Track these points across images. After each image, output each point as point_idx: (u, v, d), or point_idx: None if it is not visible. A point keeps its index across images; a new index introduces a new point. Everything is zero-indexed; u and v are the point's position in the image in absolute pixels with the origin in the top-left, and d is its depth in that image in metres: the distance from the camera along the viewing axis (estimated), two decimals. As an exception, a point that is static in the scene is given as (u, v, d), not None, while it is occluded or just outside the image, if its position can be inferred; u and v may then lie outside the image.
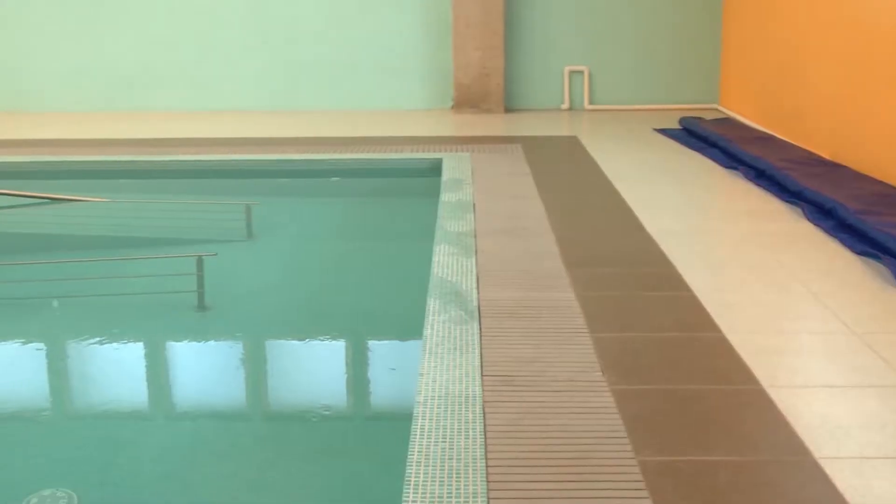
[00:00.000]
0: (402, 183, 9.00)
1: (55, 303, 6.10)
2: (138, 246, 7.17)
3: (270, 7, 12.02)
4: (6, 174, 8.91)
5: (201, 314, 5.68)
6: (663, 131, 9.93)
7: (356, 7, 11.90)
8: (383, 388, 4.78)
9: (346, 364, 5.15)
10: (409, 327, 5.17)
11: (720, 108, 11.29)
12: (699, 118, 10.20)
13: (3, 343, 5.59)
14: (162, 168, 8.95)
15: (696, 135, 9.37)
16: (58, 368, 5.29)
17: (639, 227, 6.15)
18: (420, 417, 3.39)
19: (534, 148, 9.07)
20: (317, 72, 12.06)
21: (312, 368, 5.08)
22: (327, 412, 4.54)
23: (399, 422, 4.06)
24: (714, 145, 8.75)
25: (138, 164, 8.98)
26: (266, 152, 9.15)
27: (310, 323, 5.62)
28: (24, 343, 5.60)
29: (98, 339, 5.50)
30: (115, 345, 5.41)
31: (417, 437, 3.25)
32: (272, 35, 12.06)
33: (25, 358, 5.44)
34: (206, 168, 8.95)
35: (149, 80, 12.26)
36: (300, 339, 5.45)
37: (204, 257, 5.81)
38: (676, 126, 10.12)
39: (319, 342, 5.44)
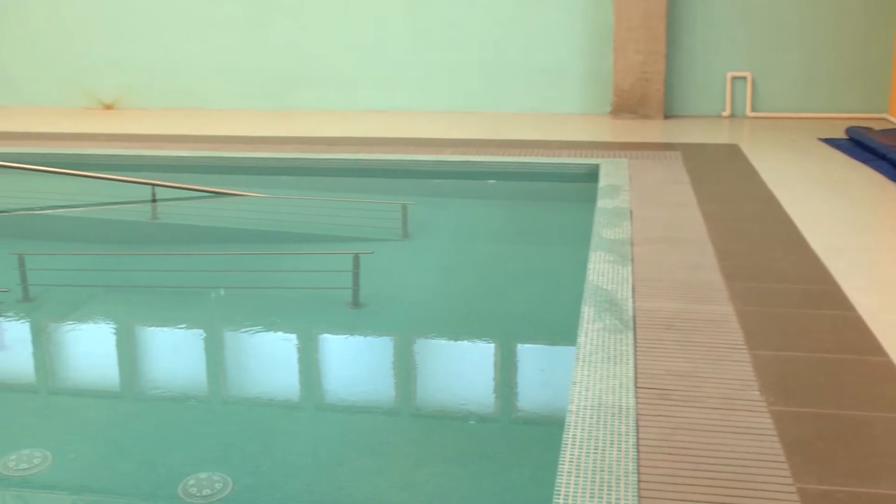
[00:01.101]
0: (557, 187, 8.94)
1: (216, 293, 6.30)
2: (295, 241, 7.33)
3: (431, 8, 12.13)
4: (170, 168, 9.28)
5: (356, 311, 5.77)
6: (829, 141, 9.58)
7: (516, 8, 11.89)
8: (534, 394, 4.76)
9: (498, 367, 5.14)
10: (562, 334, 5.15)
11: (890, 117, 10.81)
12: (867, 128, 9.79)
13: (165, 329, 5.81)
14: (321, 166, 9.14)
15: (864, 146, 9.00)
16: (216, 356, 5.46)
17: (801, 242, 5.94)
18: (572, 427, 3.36)
19: (693, 155, 8.87)
20: (475, 73, 12.10)
21: (463, 370, 5.10)
22: (477, 415, 4.55)
23: (550, 430, 4.04)
24: (883, 157, 8.38)
25: (298, 161, 9.20)
26: (423, 152, 9.23)
27: (462, 324, 5.65)
28: (185, 330, 5.81)
29: (255, 329, 5.66)
30: (271, 336, 5.55)
31: (569, 446, 3.21)
32: (432, 36, 12.17)
33: (186, 344, 5.64)
34: (363, 167, 9.10)
35: (309, 78, 12.56)
36: (452, 340, 5.47)
37: (360, 255, 5.92)
38: (843, 136, 9.75)
39: (471, 344, 5.45)
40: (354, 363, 5.22)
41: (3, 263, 6.55)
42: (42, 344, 5.67)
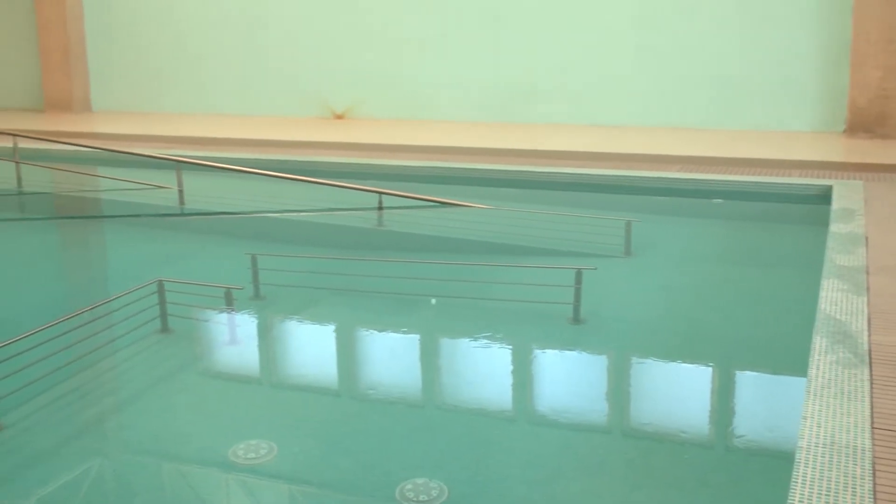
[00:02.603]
0: (787, 209, 8.60)
1: (437, 301, 6.38)
2: (517, 254, 7.34)
3: (660, 23, 11.94)
4: (397, 177, 9.50)
5: (576, 327, 5.72)
6: None
7: (746, 23, 11.53)
8: (758, 424, 4.56)
9: (719, 393, 4.97)
10: (790, 364, 4.93)
11: None
12: None
13: (387, 334, 5.93)
14: (545, 179, 9.15)
15: None
16: (435, 363, 5.53)
17: None
18: (802, 464, 3.19)
19: (938, 181, 8.36)
20: (703, 89, 11.83)
21: (683, 393, 4.95)
22: (696, 441, 4.41)
23: (775, 464, 3.87)
24: None
25: (523, 174, 9.24)
26: (648, 169, 9.09)
27: (684, 347, 5.50)
28: (406, 336, 5.91)
29: (474, 339, 5.69)
30: (490, 347, 5.56)
31: (798, 485, 3.05)
32: (660, 51, 11.98)
33: (406, 350, 5.73)
34: (587, 182, 9.04)
35: (537, 92, 12.60)
36: (673, 362, 5.33)
37: (583, 270, 5.86)
38: None
39: (692, 367, 5.30)
40: (572, 380, 5.17)
41: (237, 263, 6.88)
42: (270, 340, 5.90)
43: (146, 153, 10.04)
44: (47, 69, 15.99)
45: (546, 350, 5.58)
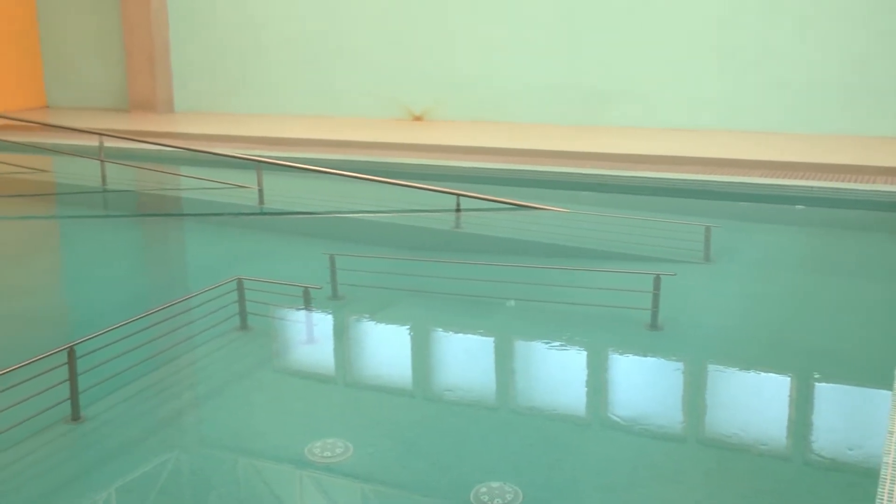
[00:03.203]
0: (873, 216, 8.41)
1: (513, 304, 6.37)
2: (594, 258, 7.29)
3: (742, 25, 11.76)
4: (475, 179, 9.51)
5: (654, 333, 5.65)
6: None
7: (831, 25, 11.31)
8: (840, 438, 4.45)
9: (800, 405, 4.87)
10: (876, 377, 4.81)
11: None
12: None
13: (462, 335, 5.92)
14: (623, 183, 9.08)
15: None
16: (510, 366, 5.51)
17: None
18: (889, 481, 3.10)
19: None
20: (786, 92, 11.62)
21: (762, 404, 4.86)
22: (777, 454, 4.32)
23: (857, 479, 3.78)
24: None
25: (601, 177, 9.18)
26: (729, 173, 8.96)
27: (764, 356, 5.40)
28: (482, 338, 5.90)
29: (550, 343, 5.66)
30: (566, 351, 5.53)
31: (885, 502, 2.97)
32: (743, 53, 11.80)
33: (481, 353, 5.72)
34: (666, 186, 8.95)
35: (616, 95, 12.51)
36: (752, 372, 5.24)
37: (662, 276, 5.80)
38: None
39: (772, 377, 5.20)
40: (649, 386, 5.11)
41: (316, 262, 6.93)
42: (347, 340, 5.94)
43: (227, 153, 10.18)
44: (132, 71, 16.32)
45: (623, 356, 5.52)
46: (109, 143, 10.88)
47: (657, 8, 12.19)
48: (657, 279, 5.80)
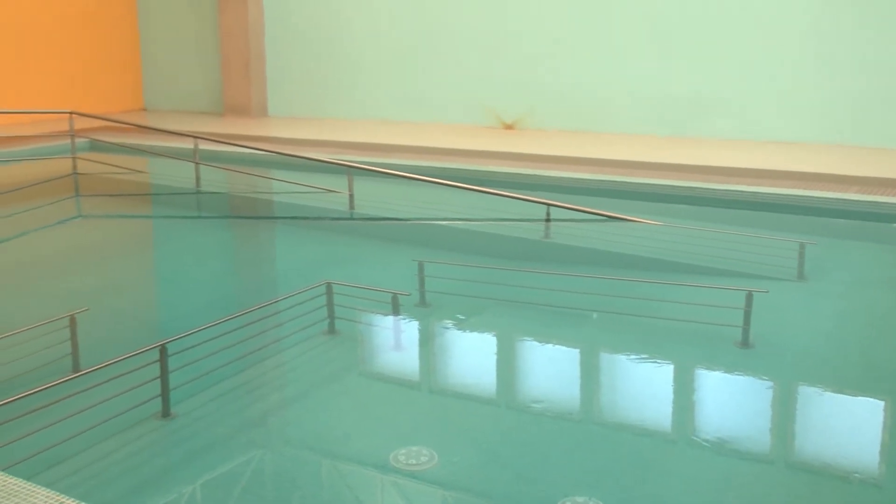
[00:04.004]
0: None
1: (601, 316, 6.31)
2: (685, 272, 7.19)
3: (839, 36, 11.50)
4: (565, 189, 9.46)
5: (743, 351, 5.54)
6: None
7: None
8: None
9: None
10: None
11: None
12: None
13: (549, 347, 5.88)
14: (716, 196, 8.94)
15: None
16: (596, 379, 5.46)
17: None
18: None
19: None
20: (883, 104, 11.32)
21: (855, 428, 4.73)
22: (871, 481, 4.20)
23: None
24: None
25: (693, 190, 9.06)
26: (824, 189, 8.76)
27: (858, 378, 5.26)
28: (569, 350, 5.86)
29: (638, 357, 5.60)
30: (652, 366, 5.46)
31: None
32: (838, 64, 11.54)
33: (568, 364, 5.68)
34: (759, 200, 8.79)
35: (708, 106, 12.33)
36: (846, 394, 5.11)
37: (753, 293, 5.69)
38: None
39: (866, 401, 5.06)
40: (738, 406, 5.01)
41: (405, 269, 6.96)
42: (434, 348, 5.95)
43: (319, 158, 10.30)
44: (228, 75, 16.62)
45: (711, 373, 5.43)
46: (204, 145, 11.09)
47: (756, 18, 11.99)
48: (749, 296, 5.69)
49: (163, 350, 4.63)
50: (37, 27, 16.29)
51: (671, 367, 5.47)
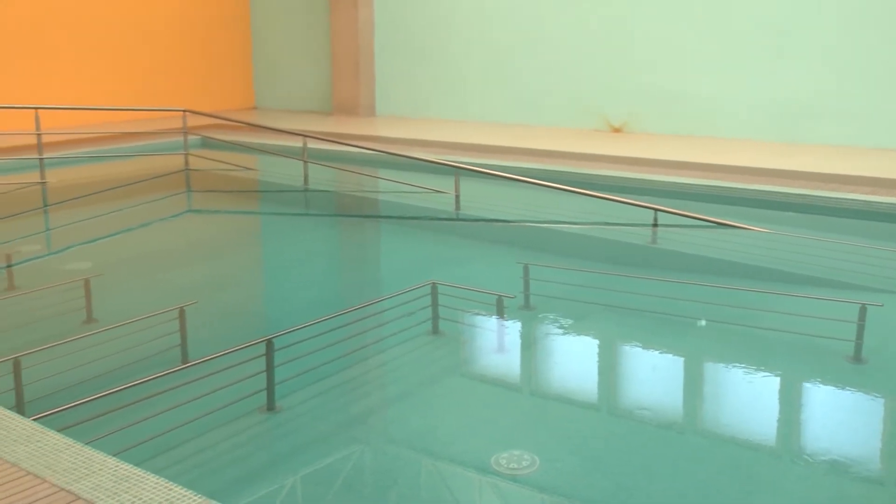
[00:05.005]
0: None
1: (706, 325, 6.20)
2: (795, 283, 7.02)
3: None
4: (673, 194, 9.32)
5: (856, 366, 5.38)
6: None
7: None
8: None
9: None
10: None
11: None
12: None
13: (654, 354, 5.80)
14: (828, 205, 8.70)
15: None
16: (701, 389, 5.36)
17: None
18: None
19: None
20: None
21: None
22: None
23: None
24: None
25: (804, 197, 8.84)
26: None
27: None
28: (673, 358, 5.76)
29: (742, 368, 5.48)
30: (759, 378, 5.34)
31: None
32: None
33: (672, 373, 5.58)
34: (874, 210, 8.52)
35: (820, 111, 12.00)
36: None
37: (867, 306, 5.52)
38: None
39: None
40: (849, 422, 4.85)
41: (510, 271, 6.95)
42: (537, 352, 5.91)
43: (426, 158, 10.34)
44: (337, 75, 16.83)
45: (821, 388, 5.28)
46: (313, 144, 11.24)
47: (874, 23, 11.64)
48: (862, 309, 5.52)
49: (269, 344, 4.70)
50: (153, 28, 16.73)
51: (779, 380, 5.34)
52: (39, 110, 11.27)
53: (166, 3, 16.97)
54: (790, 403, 5.11)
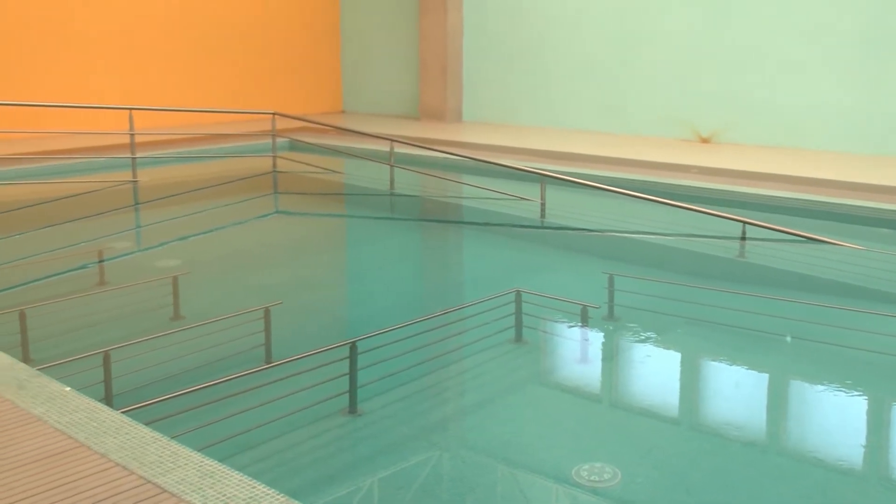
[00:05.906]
0: None
1: (795, 343, 6.06)
2: (887, 301, 6.83)
3: None
4: (763, 207, 9.15)
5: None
6: None
7: None
8: None
9: None
10: None
11: None
12: None
13: (740, 371, 5.69)
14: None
15: None
16: (785, 408, 5.24)
17: None
18: None
19: None
20: None
21: None
22: None
23: None
24: None
25: (902, 214, 8.63)
26: None
27: None
28: (762, 376, 5.65)
29: (830, 388, 5.35)
30: (847, 398, 5.20)
31: None
32: None
33: (761, 391, 5.47)
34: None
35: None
36: None
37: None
38: None
39: None
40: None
41: (594, 281, 6.88)
42: (621, 363, 5.84)
43: (512, 165, 10.31)
44: (425, 80, 16.89)
45: (907, 408, 5.14)
46: (399, 148, 11.29)
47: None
48: (960, 330, 5.35)
49: (353, 347, 4.72)
50: (244, 32, 17.01)
51: (868, 401, 5.20)
52: (133, 111, 11.51)
53: (258, 7, 17.24)
54: (880, 426, 4.96)
